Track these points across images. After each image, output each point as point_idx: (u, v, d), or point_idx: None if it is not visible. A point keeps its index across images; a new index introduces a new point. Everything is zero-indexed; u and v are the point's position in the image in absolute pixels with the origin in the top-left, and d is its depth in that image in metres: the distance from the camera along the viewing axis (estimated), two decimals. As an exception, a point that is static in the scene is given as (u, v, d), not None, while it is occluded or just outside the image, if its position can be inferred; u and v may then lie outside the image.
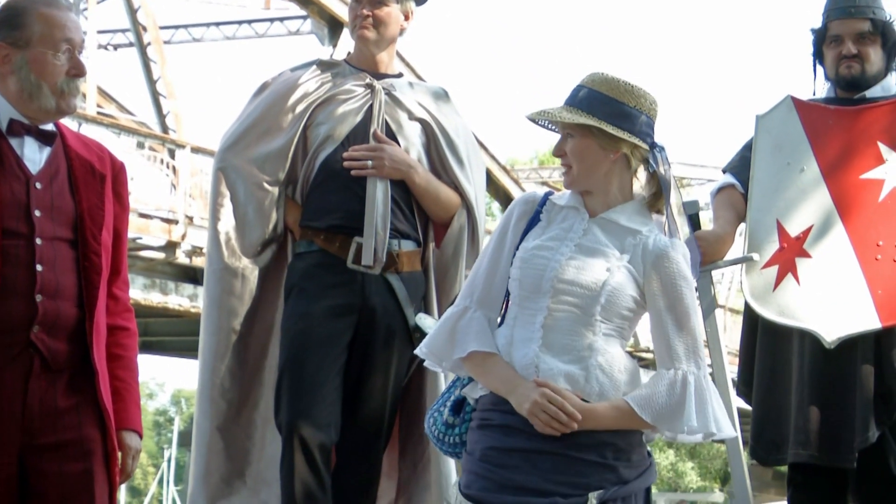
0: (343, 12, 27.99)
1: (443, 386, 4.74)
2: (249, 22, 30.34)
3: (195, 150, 22.96)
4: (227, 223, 4.83)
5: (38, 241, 3.62)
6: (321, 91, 4.82)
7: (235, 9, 30.37)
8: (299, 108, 4.80)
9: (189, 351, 33.19)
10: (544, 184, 37.71)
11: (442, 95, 4.97)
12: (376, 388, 4.69)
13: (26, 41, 3.68)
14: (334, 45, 28.13)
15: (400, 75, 4.91)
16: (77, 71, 3.70)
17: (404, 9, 4.86)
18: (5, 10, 3.77)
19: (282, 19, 30.14)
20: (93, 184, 3.74)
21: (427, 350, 3.72)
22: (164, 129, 24.51)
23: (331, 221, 4.70)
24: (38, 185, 3.67)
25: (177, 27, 30.19)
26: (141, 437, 3.81)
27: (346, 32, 27.95)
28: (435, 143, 4.86)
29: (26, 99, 3.68)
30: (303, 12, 28.93)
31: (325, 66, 4.91)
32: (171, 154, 22.73)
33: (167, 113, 24.74)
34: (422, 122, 4.86)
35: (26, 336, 3.59)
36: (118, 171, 3.85)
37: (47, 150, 3.72)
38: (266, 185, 4.79)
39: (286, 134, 4.79)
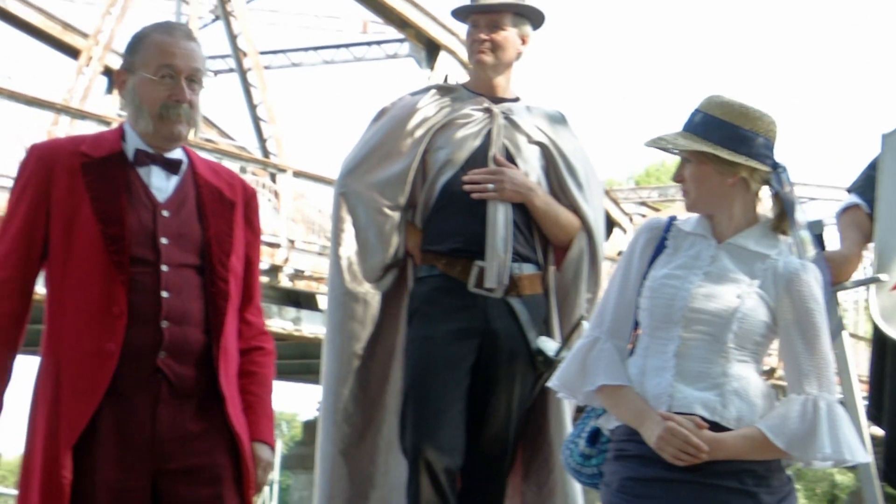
0: (440, 35, 28.09)
1: (567, 409, 4.74)
2: (347, 46, 30.53)
3: (297, 174, 23.13)
4: (348, 248, 4.85)
5: (163, 267, 3.66)
6: (440, 116, 4.84)
7: (333, 33, 30.62)
8: (419, 133, 4.83)
9: (292, 374, 33.38)
10: (643, 204, 37.52)
11: (559, 118, 4.97)
12: (500, 411, 4.69)
13: (136, 66, 3.75)
14: (432, 68, 28.22)
15: (517, 99, 4.92)
16: (177, 97, 3.70)
17: (521, 33, 4.87)
18: (130, 37, 3.86)
19: (379, 42, 30.30)
20: (222, 211, 3.78)
21: (559, 383, 3.72)
22: (266, 153, 24.69)
23: (452, 245, 4.71)
24: (166, 213, 3.71)
25: (276, 52, 30.45)
26: (273, 450, 3.81)
27: (443, 55, 28.13)
28: (554, 166, 4.86)
29: (134, 123, 3.75)
30: (400, 35, 29.07)
31: (443, 90, 4.93)
32: (273, 178, 22.91)
33: (268, 137, 24.92)
34: (540, 145, 4.86)
35: (153, 362, 3.62)
36: (249, 198, 3.88)
37: (175, 179, 3.77)
38: (387, 210, 4.81)
39: (406, 159, 4.82)
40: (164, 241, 3.68)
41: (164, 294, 3.64)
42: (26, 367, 3.86)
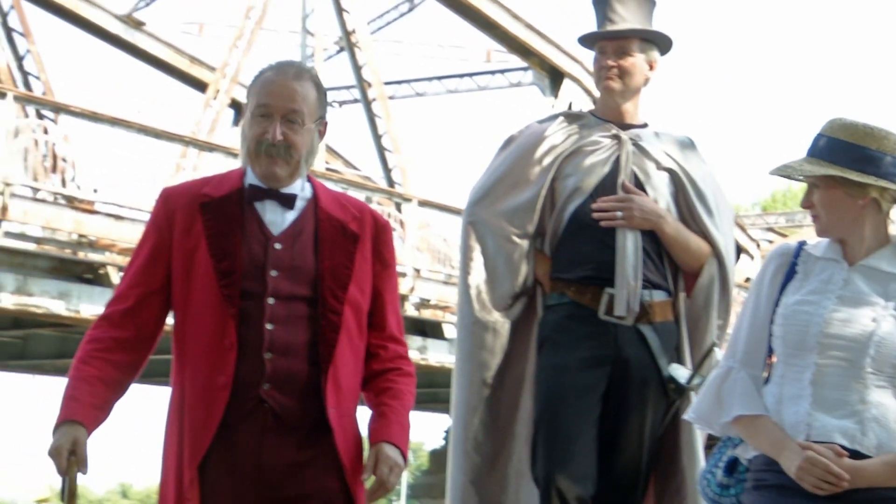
0: (564, 63, 28.08)
1: (699, 438, 4.69)
2: (471, 75, 30.65)
3: (422, 203, 23.21)
4: (477, 277, 4.86)
5: (270, 300, 3.69)
6: (568, 143, 4.83)
7: (457, 62, 30.75)
8: (547, 161, 4.82)
9: (418, 403, 33.45)
10: (770, 230, 37.15)
11: (688, 144, 4.94)
12: (632, 439, 4.66)
13: (247, 104, 3.84)
14: (556, 97, 28.23)
15: (645, 125, 4.90)
16: (268, 135, 3.73)
17: (649, 59, 4.85)
18: None
19: (503, 71, 30.38)
20: (342, 243, 3.79)
21: (695, 415, 3.69)
22: (391, 183, 24.84)
23: (582, 273, 4.70)
24: (278, 246, 3.74)
25: (400, 82, 30.65)
26: (404, 456, 3.75)
27: (567, 83, 28.11)
28: (683, 193, 4.82)
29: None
30: (524, 64, 29.11)
31: (571, 117, 4.92)
32: (398, 208, 23.02)
33: (393, 167, 25.07)
34: (669, 171, 4.83)
35: (257, 393, 3.66)
36: (380, 230, 3.88)
37: (292, 213, 3.80)
38: (515, 239, 4.81)
39: (534, 187, 4.81)
40: (273, 273, 3.71)
41: (269, 326, 3.67)
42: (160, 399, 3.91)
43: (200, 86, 26.79)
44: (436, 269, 23.14)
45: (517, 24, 26.97)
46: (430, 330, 24.63)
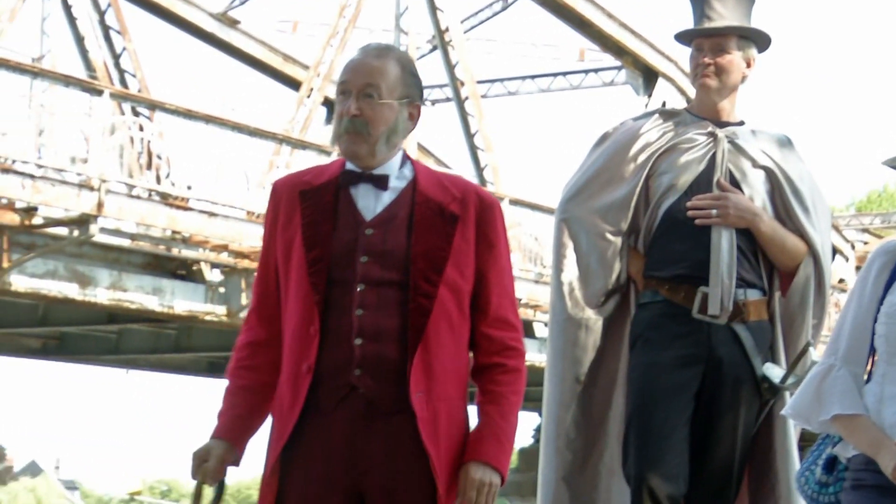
0: (658, 62, 27.94)
1: (793, 437, 4.65)
2: (564, 74, 30.59)
3: (513, 202, 23.21)
4: (570, 274, 4.84)
5: (359, 286, 3.68)
6: (663, 140, 4.80)
7: (550, 61, 30.69)
8: (641, 158, 4.80)
9: (507, 401, 33.43)
10: (865, 230, 36.76)
11: (785, 142, 4.89)
12: (724, 438, 4.62)
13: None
14: (649, 95, 28.10)
15: (742, 123, 4.85)
16: (347, 113, 3.73)
17: (746, 56, 4.81)
18: None
19: (596, 70, 30.28)
20: (438, 225, 3.74)
21: (793, 411, 3.65)
22: (483, 181, 24.84)
23: (675, 271, 4.67)
24: (369, 231, 3.73)
25: (493, 81, 30.64)
26: (500, 473, 3.68)
27: (661, 82, 27.98)
28: (779, 191, 4.78)
29: None
30: (617, 63, 29.01)
31: (666, 115, 4.90)
32: (490, 206, 22.92)
33: (485, 166, 25.08)
34: (766, 169, 4.78)
35: (348, 380, 3.66)
36: (485, 209, 3.79)
37: (387, 196, 3.78)
38: (609, 236, 4.79)
39: (628, 184, 4.79)
40: (363, 259, 3.70)
41: (358, 312, 3.66)
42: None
43: (294, 84, 26.96)
44: (526, 267, 23.11)
45: (611, 23, 26.89)
46: (524, 329, 24.60)
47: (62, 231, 17.61)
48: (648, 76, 28.08)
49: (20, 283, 17.65)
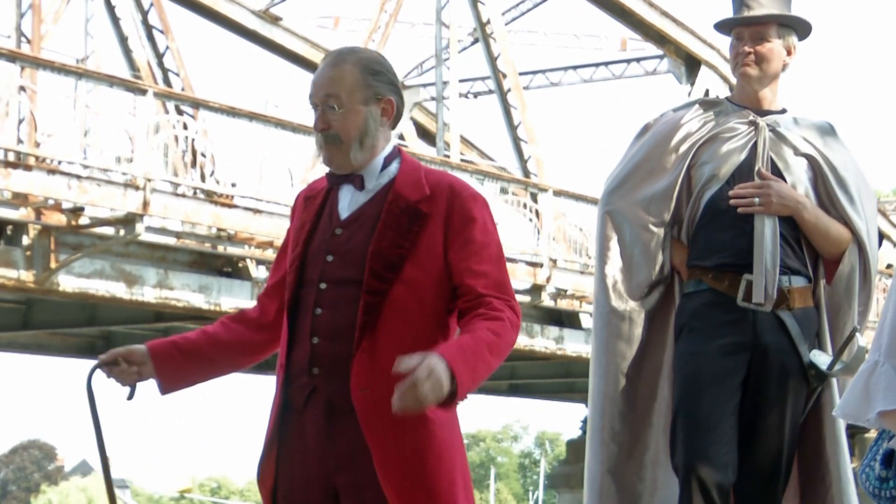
0: (700, 50, 27.84)
1: (842, 424, 4.64)
2: (606, 64, 30.54)
3: (557, 193, 23.19)
4: (614, 266, 4.85)
5: (322, 285, 3.76)
6: (704, 130, 4.80)
7: (592, 51, 30.64)
8: (683, 148, 4.79)
9: (554, 393, 33.47)
10: (912, 215, 36.48)
11: (828, 130, 4.87)
12: (772, 427, 4.61)
13: None
14: (692, 84, 28.00)
15: (784, 111, 4.84)
16: (317, 127, 3.81)
17: (786, 44, 4.79)
18: None
19: (638, 60, 30.23)
20: (403, 223, 3.75)
21: (842, 412, 3.62)
22: (526, 173, 24.83)
23: (719, 260, 4.67)
24: (338, 231, 3.81)
25: (535, 72, 30.62)
26: (456, 379, 3.49)
27: (703, 70, 27.88)
28: (823, 179, 4.76)
29: None
30: (659, 52, 28.94)
31: (707, 104, 4.89)
32: (534, 198, 23.00)
33: (528, 157, 25.06)
34: (808, 157, 4.77)
35: (310, 379, 3.75)
36: (454, 198, 3.78)
37: (361, 196, 3.84)
38: (652, 227, 4.79)
39: (670, 174, 4.79)
40: (329, 258, 3.78)
41: (318, 311, 3.75)
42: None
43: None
44: (572, 258, 23.09)
45: (652, 12, 26.81)
46: (566, 320, 24.60)
47: (108, 231, 17.71)
48: (691, 64, 27.99)
49: (68, 283, 17.77)
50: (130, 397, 3.90)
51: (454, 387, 3.49)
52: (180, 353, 3.91)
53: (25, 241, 17.44)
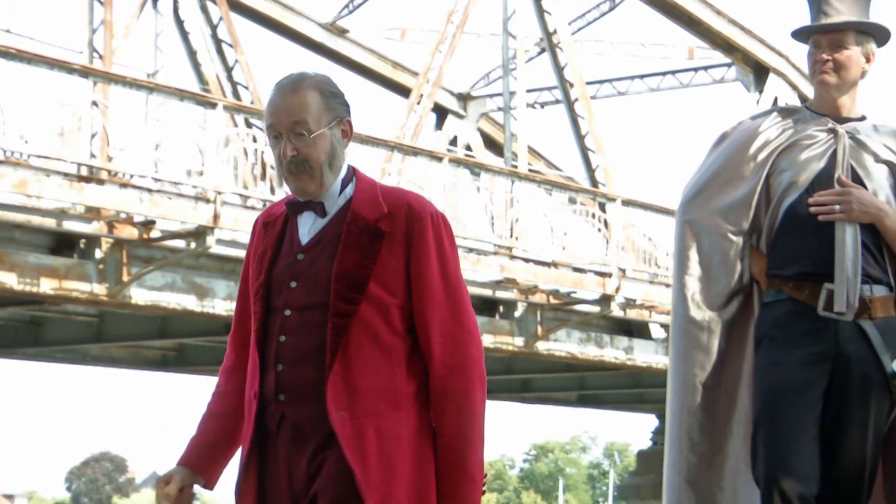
0: (768, 57, 27.71)
1: (927, 435, 4.59)
2: (674, 72, 30.42)
3: (626, 202, 23.12)
4: (692, 276, 4.82)
5: (286, 312, 3.75)
6: (783, 138, 4.77)
7: (659, 60, 30.54)
8: (761, 157, 4.77)
9: (624, 404, 33.34)
10: None
11: None
12: (854, 438, 4.57)
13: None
14: (760, 92, 27.88)
15: (863, 118, 4.80)
16: (284, 156, 3.76)
17: (865, 51, 4.76)
18: None
19: (706, 68, 30.10)
20: (364, 243, 3.73)
21: None
22: (594, 183, 24.79)
23: (799, 269, 4.63)
24: (300, 257, 3.78)
25: (602, 82, 30.56)
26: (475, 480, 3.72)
27: (772, 78, 27.73)
28: None
29: None
30: (727, 60, 28.81)
31: (785, 112, 4.86)
32: (602, 208, 22.96)
33: (596, 167, 25.02)
34: (888, 164, 4.73)
35: (278, 405, 3.74)
36: (413, 220, 3.76)
37: (321, 221, 3.81)
38: (730, 236, 4.76)
39: (749, 183, 4.76)
40: (292, 284, 3.76)
41: (281, 338, 3.74)
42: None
43: (403, 91, 27.10)
44: (641, 268, 23.02)
45: (720, 20, 26.72)
46: (636, 330, 24.52)
47: (179, 244, 17.85)
48: (759, 72, 27.86)
49: (140, 296, 17.91)
50: None
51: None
52: (210, 450, 3.91)
53: (98, 254, 17.61)
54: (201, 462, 3.89)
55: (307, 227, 3.82)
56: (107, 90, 17.62)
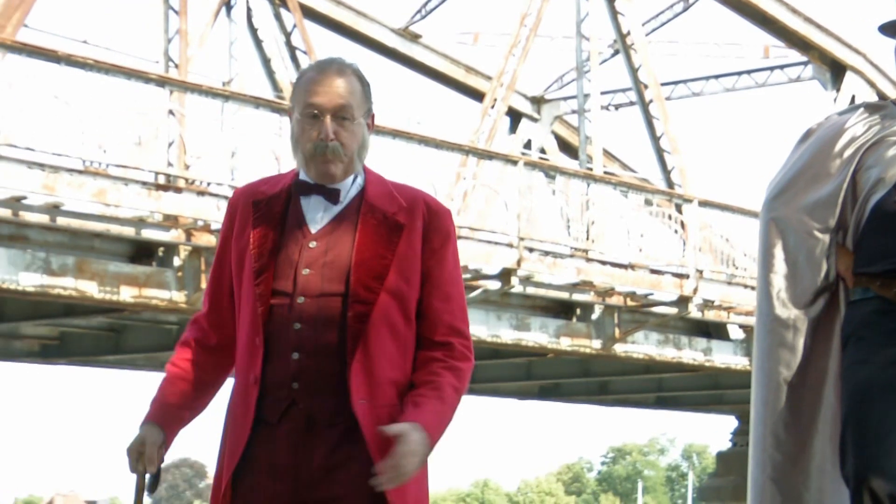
0: (846, 55, 27.46)
1: None
2: (749, 72, 30.23)
3: (702, 203, 23.03)
4: (778, 274, 4.77)
5: (299, 299, 3.68)
6: (870, 134, 4.71)
7: (734, 60, 30.35)
8: (848, 153, 4.71)
9: (702, 405, 33.15)
10: None
11: None
12: (945, 436, 4.51)
13: (293, 106, 3.81)
14: (837, 90, 27.64)
15: (951, 113, 4.74)
16: (322, 136, 3.71)
17: (954, 44, 4.70)
18: None
19: (782, 67, 29.87)
20: (383, 233, 3.71)
21: None
22: (670, 184, 24.68)
23: (887, 266, 4.57)
24: (313, 244, 3.73)
25: (676, 82, 30.42)
26: (432, 443, 3.63)
27: (849, 76, 27.48)
28: None
29: (296, 160, 3.84)
30: (803, 58, 28.60)
31: (871, 108, 4.80)
32: (679, 209, 22.85)
33: (672, 168, 24.91)
34: (976, 159, 4.66)
35: (288, 393, 3.67)
36: (432, 216, 3.78)
37: (334, 208, 3.77)
38: (816, 233, 4.71)
39: (835, 180, 4.71)
40: (304, 272, 3.70)
41: (297, 326, 3.67)
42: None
43: (477, 95, 27.12)
44: (718, 269, 22.89)
45: (795, 18, 26.53)
46: (714, 331, 24.39)
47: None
48: (836, 70, 27.62)
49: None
50: (153, 489, 3.87)
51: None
52: (179, 417, 3.86)
53: (177, 262, 17.74)
54: (168, 421, 3.82)
55: (317, 213, 3.77)
56: (183, 99, 17.76)
